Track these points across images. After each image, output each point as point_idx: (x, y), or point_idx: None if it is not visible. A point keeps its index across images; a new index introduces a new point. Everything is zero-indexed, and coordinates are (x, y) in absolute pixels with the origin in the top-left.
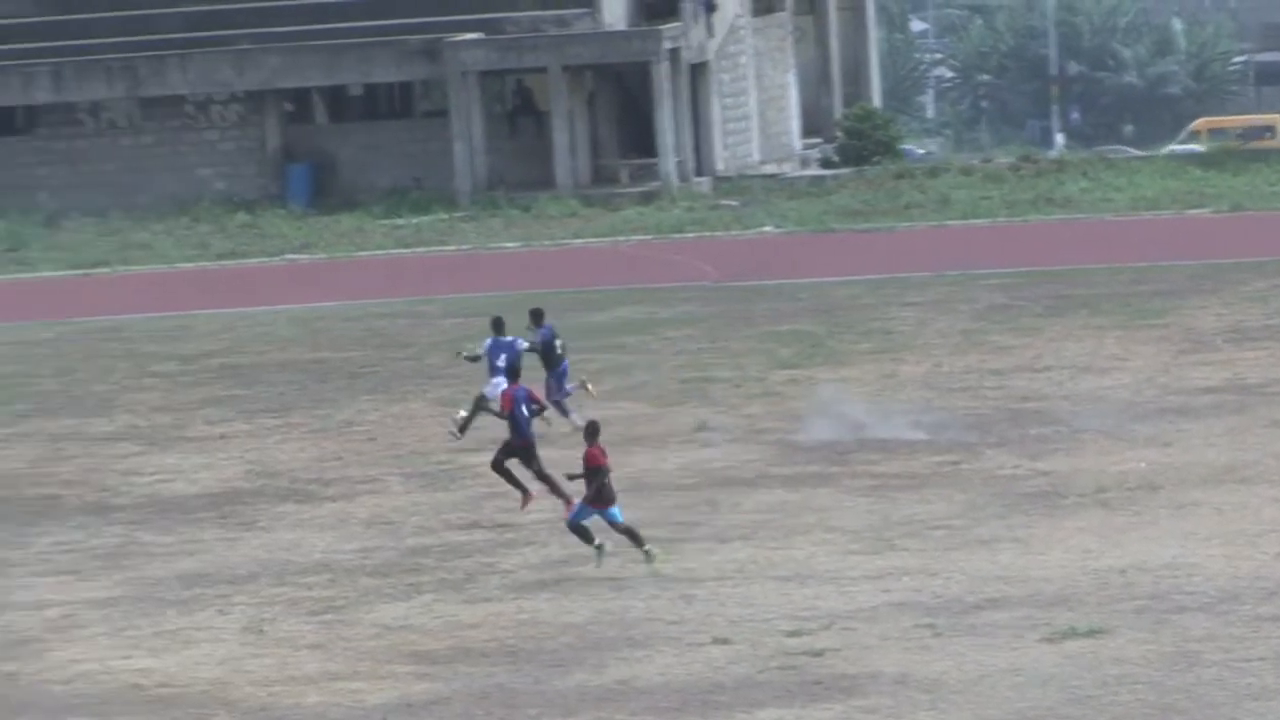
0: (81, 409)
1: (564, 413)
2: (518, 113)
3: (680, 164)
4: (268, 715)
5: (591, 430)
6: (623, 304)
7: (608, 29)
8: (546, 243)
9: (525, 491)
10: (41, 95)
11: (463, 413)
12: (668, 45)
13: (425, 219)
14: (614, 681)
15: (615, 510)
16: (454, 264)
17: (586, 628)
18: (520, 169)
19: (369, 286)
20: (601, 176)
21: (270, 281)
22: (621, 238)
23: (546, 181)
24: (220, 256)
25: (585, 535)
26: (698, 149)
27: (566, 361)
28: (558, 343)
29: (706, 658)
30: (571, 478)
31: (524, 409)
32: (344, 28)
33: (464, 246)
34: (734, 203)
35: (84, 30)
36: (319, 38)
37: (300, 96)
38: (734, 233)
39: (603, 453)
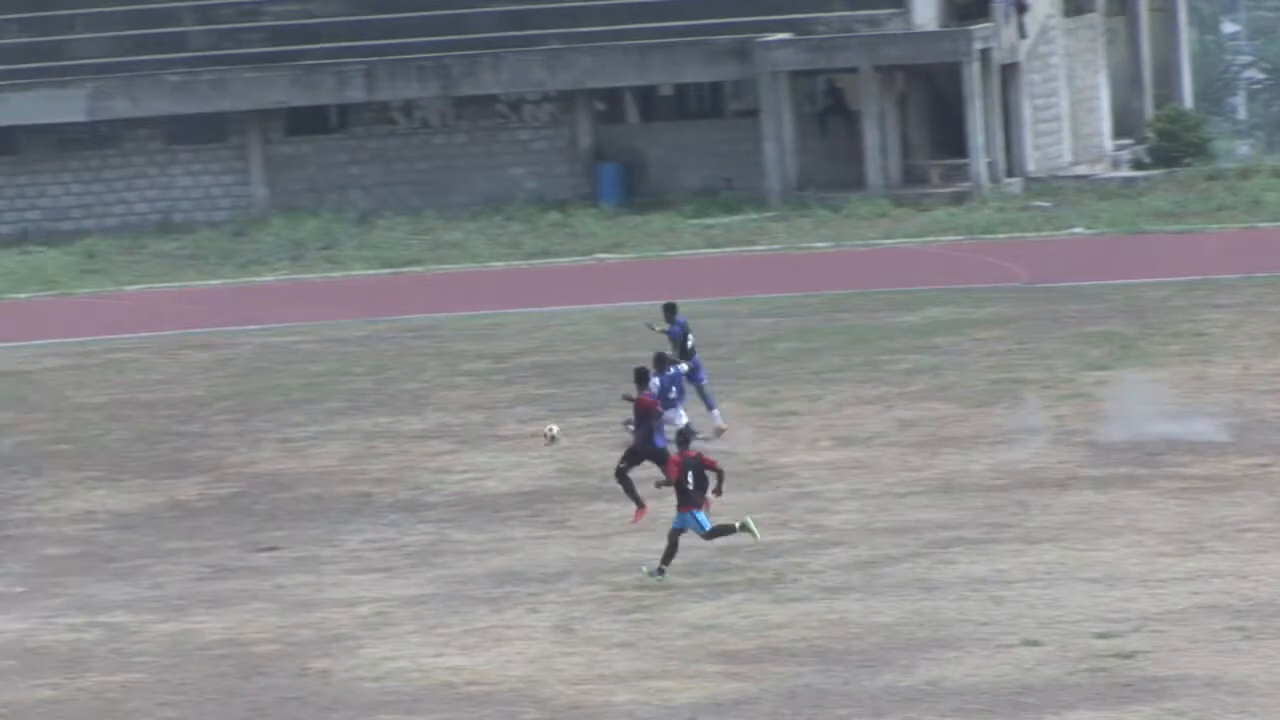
0: (394, 407)
1: (709, 406)
2: (828, 113)
3: (991, 165)
4: (578, 713)
5: (682, 438)
6: (933, 305)
7: (918, 29)
8: (856, 243)
9: (641, 505)
10: (355, 94)
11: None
12: (979, 46)
13: (735, 219)
14: (923, 682)
15: (701, 515)
16: (764, 264)
17: (895, 628)
18: (830, 169)
19: (679, 286)
20: (912, 177)
21: (581, 280)
22: (931, 238)
23: (857, 182)
24: (531, 255)
25: (670, 552)
26: (1008, 150)
27: (698, 357)
28: (689, 337)
29: (1016, 659)
30: (660, 485)
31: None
32: (654, 28)
33: (774, 247)
34: (1045, 204)
35: (397, 30)
36: (629, 38)
37: (611, 96)
38: (1045, 234)
39: (680, 464)
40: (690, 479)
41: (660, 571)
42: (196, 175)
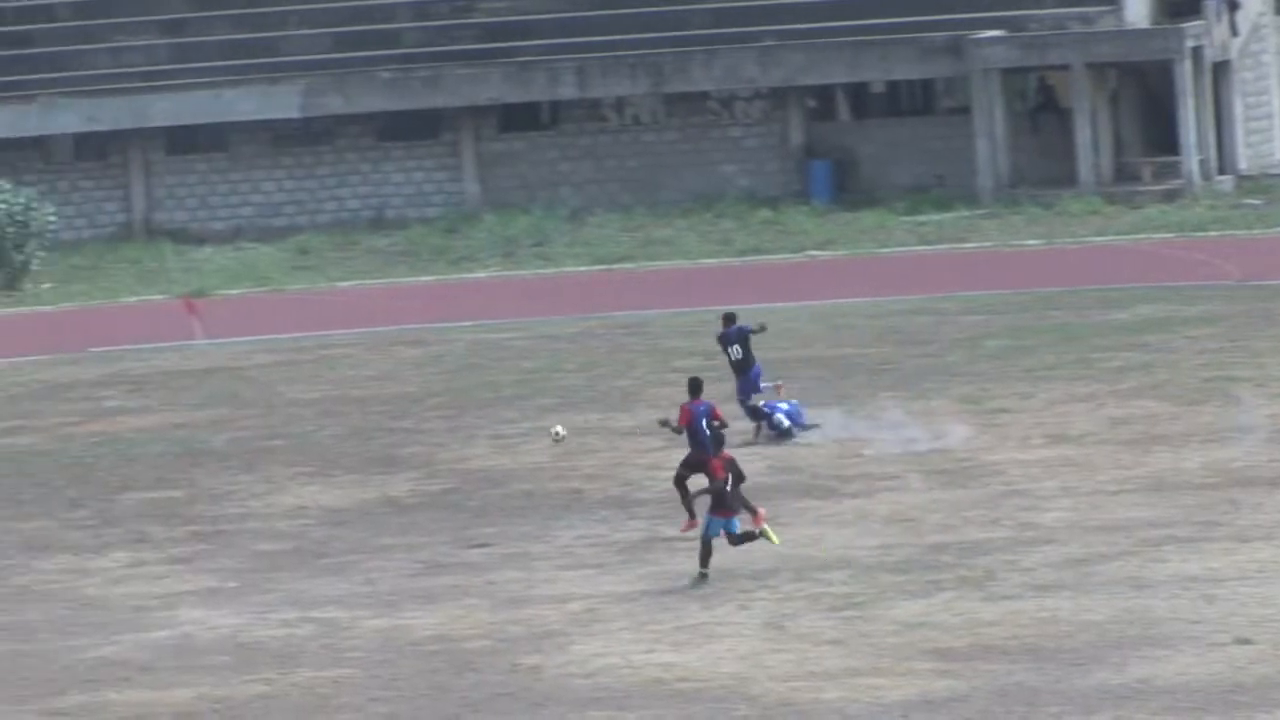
0: (605, 404)
1: (754, 418)
2: (1040, 110)
3: (1203, 163)
4: (788, 710)
5: (717, 439)
6: (1144, 302)
7: (1130, 27)
8: (1068, 240)
9: (692, 515)
10: (567, 91)
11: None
12: (1190, 44)
13: (947, 216)
14: (1134, 680)
15: (735, 521)
16: (975, 261)
17: (1107, 626)
18: (1042, 166)
19: (890, 283)
20: (1124, 174)
21: (792, 277)
22: (1143, 236)
23: (1068, 179)
24: (743, 252)
25: (705, 554)
26: (1220, 148)
27: (759, 366)
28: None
29: (1228, 657)
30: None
31: (704, 424)
32: (866, 25)
33: (985, 244)
34: (1256, 202)
35: (609, 26)
36: (841, 35)
37: (822, 93)
38: (1256, 232)
39: (723, 466)
40: (729, 481)
41: (703, 576)
42: (409, 172)
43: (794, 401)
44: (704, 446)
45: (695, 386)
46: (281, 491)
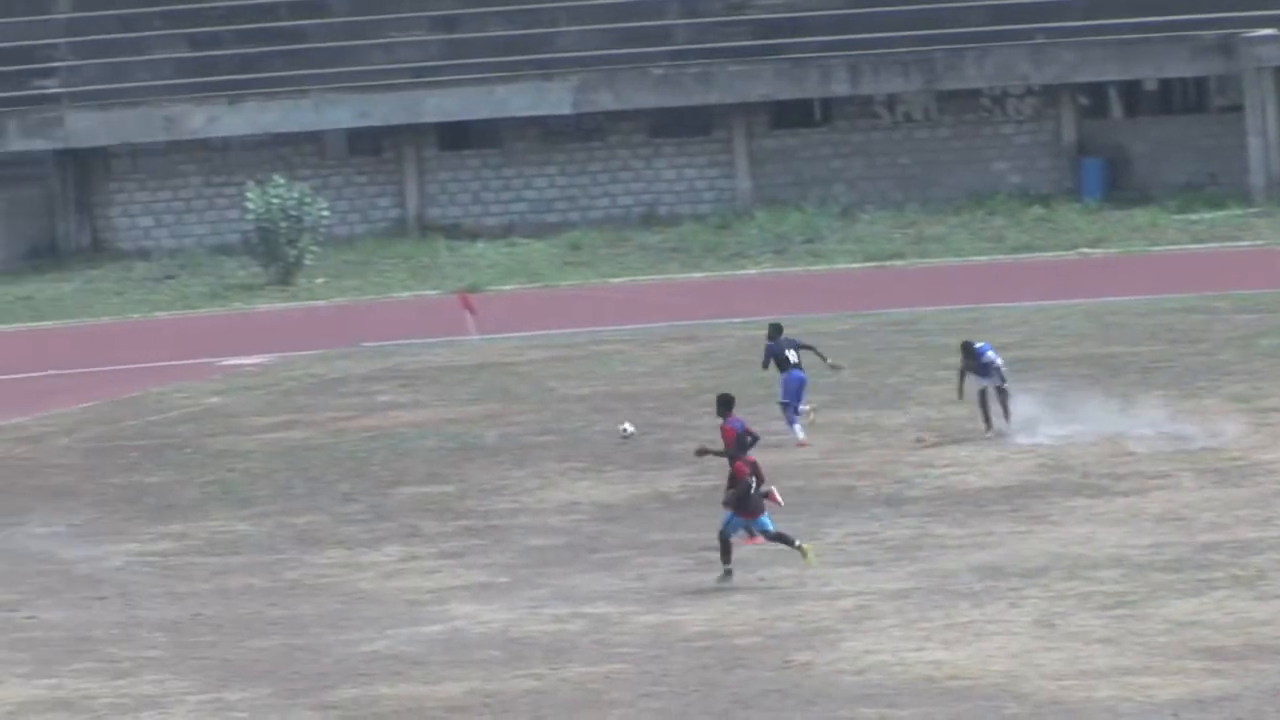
0: (876, 401)
1: (790, 422)
2: None
3: None
4: (1058, 708)
5: (741, 443)
6: None
7: None
8: None
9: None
10: (839, 88)
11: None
12: None
13: (1219, 214)
14: None
15: (764, 519)
16: (1248, 259)
17: None
18: None
19: (1162, 281)
20: None
21: (1063, 275)
22: None
23: None
24: (1014, 250)
25: (726, 550)
26: None
27: (803, 374)
28: (786, 355)
29: None
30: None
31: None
32: (1138, 23)
33: (1258, 242)
34: None
35: (881, 23)
36: (1113, 32)
37: (1095, 90)
38: None
39: (747, 464)
40: (753, 483)
41: (727, 573)
42: (680, 168)
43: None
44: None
45: (725, 404)
46: (553, 487)
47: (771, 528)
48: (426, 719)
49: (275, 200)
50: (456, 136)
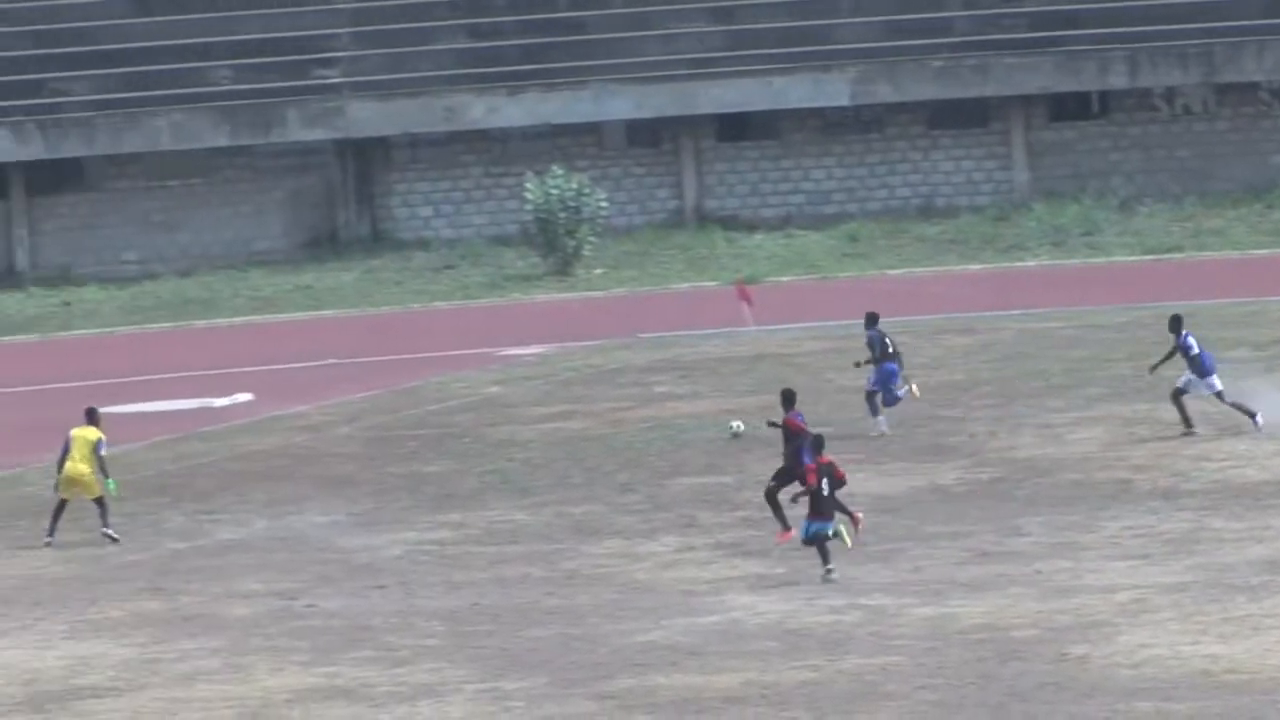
0: (1154, 394)
1: (873, 412)
2: None
3: None
4: None
5: (817, 444)
6: None
7: None
8: None
9: (786, 527)
10: (1117, 81)
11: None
12: None
13: None
14: None
15: (827, 526)
16: None
17: None
18: None
19: None
20: None
21: None
22: None
23: None
24: None
25: (822, 553)
26: None
27: (893, 365)
28: (887, 342)
29: None
30: (794, 498)
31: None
32: None
33: None
34: None
35: (1159, 16)
36: None
37: None
38: None
39: (816, 471)
40: (825, 486)
41: (829, 572)
42: (958, 160)
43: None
44: (800, 458)
45: (789, 398)
46: None
47: (827, 531)
48: (703, 709)
49: (554, 191)
50: (734, 128)
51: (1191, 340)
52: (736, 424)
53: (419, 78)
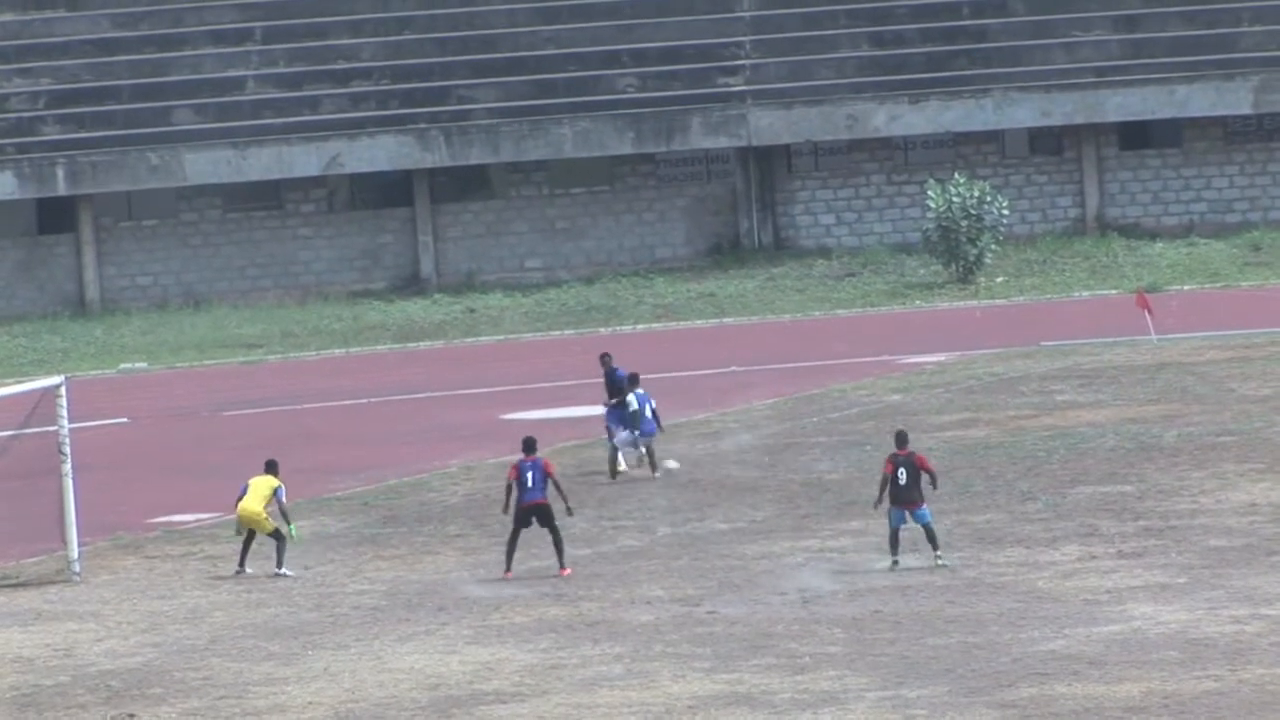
0: None
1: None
2: None
3: None
4: None
5: (900, 438)
6: None
7: None
8: None
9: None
10: None
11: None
12: None
13: None
14: None
15: (922, 511)
16: None
17: None
18: None
19: None
20: None
21: None
22: None
23: None
24: None
25: (894, 542)
26: None
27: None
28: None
29: None
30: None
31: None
32: None
33: None
34: None
35: None
36: None
37: None
38: None
39: (890, 460)
40: (903, 476)
41: (895, 563)
42: None
43: None
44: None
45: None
46: (1232, 488)
47: (928, 520)
48: (1105, 718)
49: (956, 199)
50: (1137, 136)
51: None
52: (671, 463)
53: (821, 85)
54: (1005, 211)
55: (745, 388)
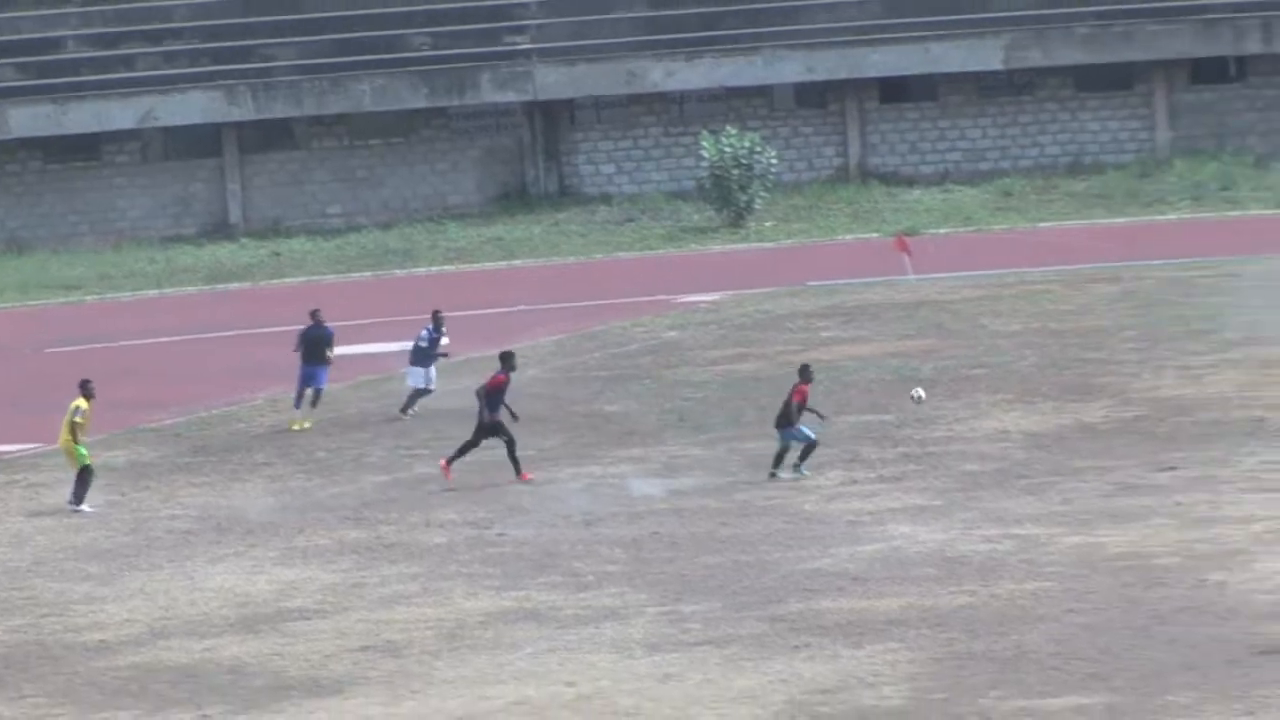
0: None
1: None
2: None
3: None
4: None
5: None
6: None
7: None
8: None
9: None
10: (1252, 46)
11: None
12: None
13: None
14: None
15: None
16: None
17: None
18: None
19: None
20: None
21: None
22: None
23: None
24: None
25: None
26: None
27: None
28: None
29: None
30: None
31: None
32: None
33: None
34: None
35: None
36: None
37: None
38: None
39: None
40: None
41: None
42: (1104, 120)
43: None
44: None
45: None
46: (984, 417)
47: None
48: (866, 632)
49: (728, 149)
50: (895, 90)
51: None
52: (918, 391)
53: (602, 44)
54: (774, 161)
55: (532, 326)
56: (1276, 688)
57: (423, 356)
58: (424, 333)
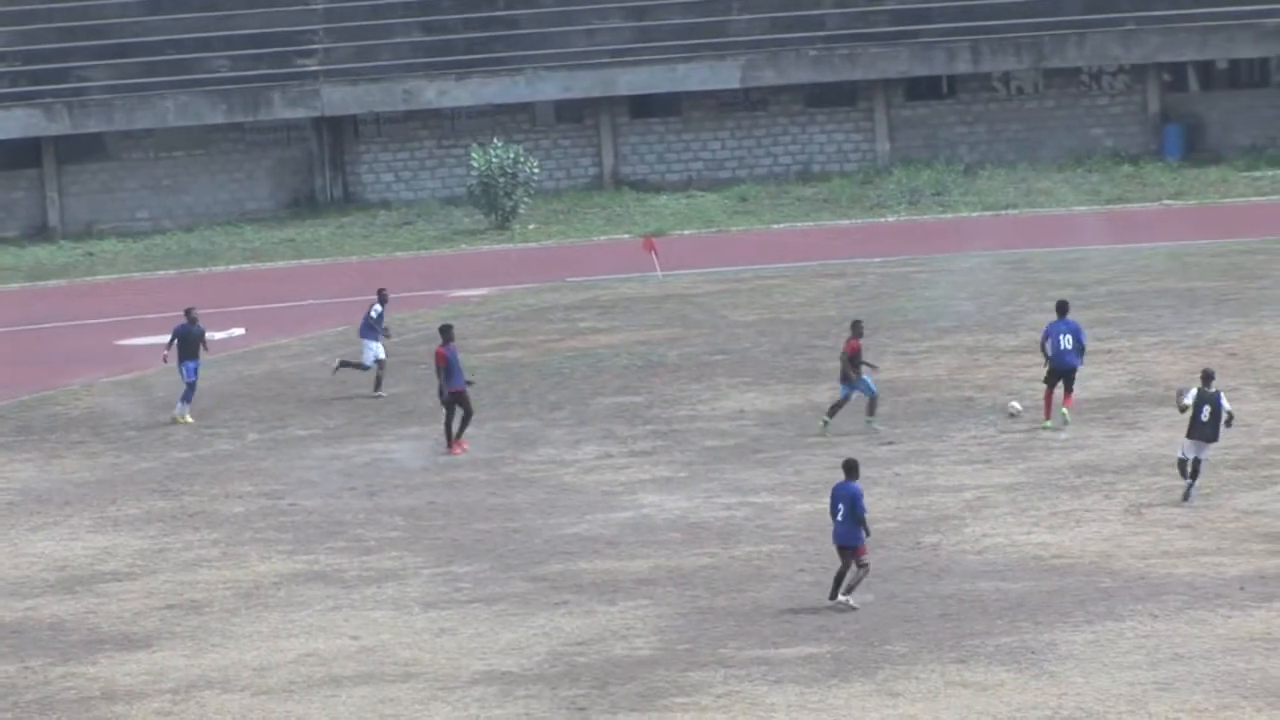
0: (992, 327)
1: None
2: None
3: None
4: (1144, 583)
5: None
6: None
7: None
8: None
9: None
10: (962, 67)
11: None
12: None
13: (1279, 171)
14: None
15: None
16: None
17: None
18: None
19: (1231, 227)
20: None
21: (1149, 223)
22: None
23: None
24: (1108, 201)
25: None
26: None
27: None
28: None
29: None
30: None
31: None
32: (1214, 12)
33: None
34: None
35: (998, 12)
36: (1192, 20)
37: (1175, 69)
38: None
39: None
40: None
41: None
42: (830, 133)
43: None
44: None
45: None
46: (724, 398)
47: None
48: (619, 589)
49: (495, 160)
50: (644, 107)
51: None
52: (1015, 405)
53: (382, 66)
54: (536, 170)
55: (320, 317)
56: (985, 638)
57: (371, 331)
58: (376, 310)
